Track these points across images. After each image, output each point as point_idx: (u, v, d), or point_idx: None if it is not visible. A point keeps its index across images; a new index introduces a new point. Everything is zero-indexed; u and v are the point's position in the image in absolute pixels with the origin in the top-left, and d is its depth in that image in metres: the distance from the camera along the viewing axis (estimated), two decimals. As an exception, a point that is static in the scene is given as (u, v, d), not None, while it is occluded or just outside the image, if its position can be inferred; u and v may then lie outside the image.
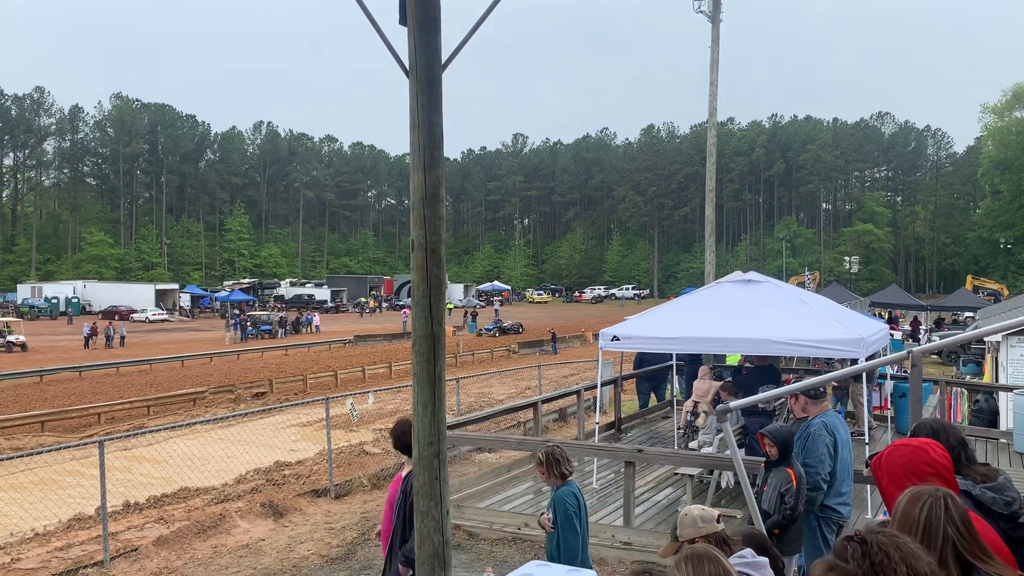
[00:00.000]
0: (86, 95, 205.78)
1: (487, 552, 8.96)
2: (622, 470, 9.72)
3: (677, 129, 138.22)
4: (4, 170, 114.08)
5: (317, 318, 63.97)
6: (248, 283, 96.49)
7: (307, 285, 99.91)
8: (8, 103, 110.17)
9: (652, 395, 18.11)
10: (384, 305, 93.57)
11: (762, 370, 12.66)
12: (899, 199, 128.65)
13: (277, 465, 15.24)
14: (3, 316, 58.00)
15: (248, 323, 57.10)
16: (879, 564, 2.13)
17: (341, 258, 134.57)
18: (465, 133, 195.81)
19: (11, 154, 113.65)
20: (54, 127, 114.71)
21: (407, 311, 62.71)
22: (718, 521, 3.77)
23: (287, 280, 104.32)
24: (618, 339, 11.47)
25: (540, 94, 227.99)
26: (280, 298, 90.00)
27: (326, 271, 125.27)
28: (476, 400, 24.38)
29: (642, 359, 17.68)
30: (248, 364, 39.37)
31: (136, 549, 9.36)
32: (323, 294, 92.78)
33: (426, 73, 4.03)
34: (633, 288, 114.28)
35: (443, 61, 4.12)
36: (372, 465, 14.42)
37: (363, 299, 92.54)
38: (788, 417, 10.28)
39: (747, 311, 10.99)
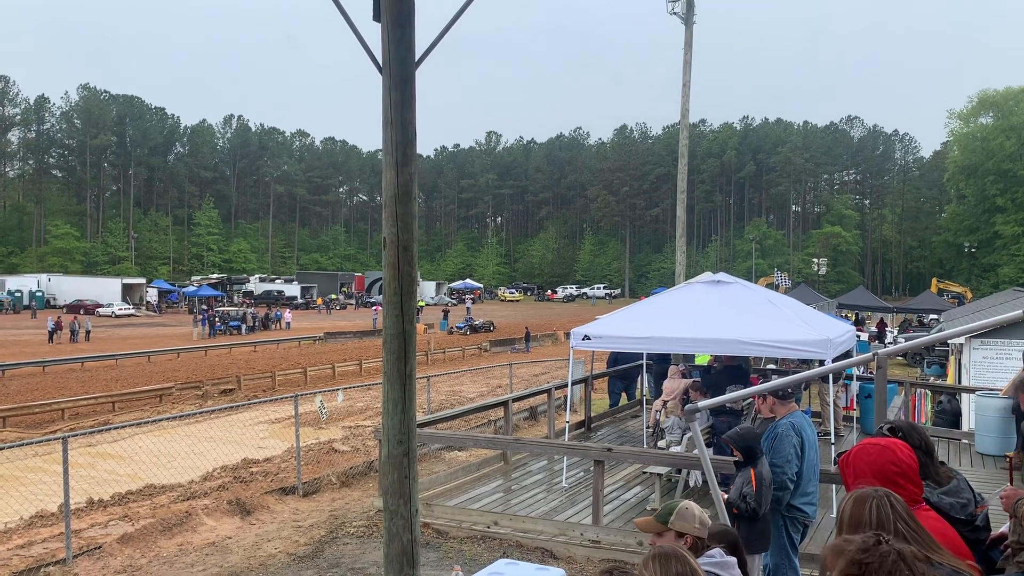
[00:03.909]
0: (53, 85, 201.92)
1: (455, 550, 8.95)
2: (591, 469, 9.76)
3: (650, 130, 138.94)
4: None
5: (288, 314, 63.46)
6: (217, 278, 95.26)
7: (277, 281, 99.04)
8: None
9: (623, 394, 18.20)
10: (354, 302, 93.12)
11: (730, 370, 12.79)
12: (867, 202, 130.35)
13: (245, 462, 15.11)
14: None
15: (216, 319, 56.53)
16: None
17: (312, 254, 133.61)
18: (438, 130, 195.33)
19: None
20: (19, 117, 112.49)
21: (377, 308, 62.41)
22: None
23: (256, 276, 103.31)
24: (589, 338, 11.52)
25: (514, 92, 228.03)
26: (249, 294, 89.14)
27: (296, 267, 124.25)
28: (447, 398, 24.34)
29: (616, 358, 17.77)
30: (216, 360, 38.97)
31: (100, 547, 9.23)
32: (293, 290, 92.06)
33: (400, 70, 4.02)
34: (605, 288, 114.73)
35: (417, 58, 4.11)
36: (341, 463, 14.34)
37: (332, 295, 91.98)
38: (756, 417, 10.40)
39: (716, 311, 11.09)
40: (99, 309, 70.34)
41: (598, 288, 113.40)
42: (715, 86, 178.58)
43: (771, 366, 17.86)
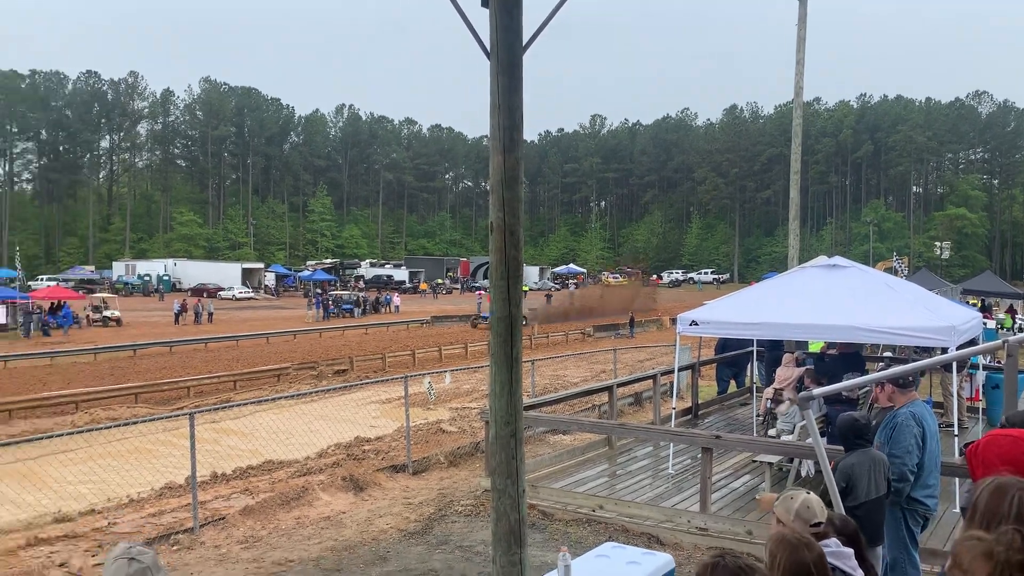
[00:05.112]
0: (177, 79, 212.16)
1: (561, 532, 9.01)
2: (698, 456, 9.63)
3: (761, 109, 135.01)
4: (101, 152, 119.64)
5: (396, 298, 65.00)
6: (330, 263, 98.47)
7: (386, 266, 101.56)
8: (105, 87, 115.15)
9: (732, 381, 17.82)
10: (459, 287, 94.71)
11: (846, 357, 12.35)
12: (995, 182, 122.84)
13: (357, 440, 15.59)
14: (100, 292, 60.68)
15: (330, 302, 58.40)
16: None
17: (419, 239, 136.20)
18: (542, 115, 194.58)
19: (107, 136, 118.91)
20: (147, 110, 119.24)
21: (481, 293, 63.14)
22: (815, 525, 3.65)
23: (367, 260, 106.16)
24: (697, 324, 11.31)
25: (619, 74, 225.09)
26: (360, 278, 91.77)
27: (404, 252, 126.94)
28: (551, 382, 24.44)
29: (725, 344, 17.39)
30: (330, 342, 40.31)
31: (223, 518, 9.73)
32: (401, 275, 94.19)
33: (507, 55, 4.04)
34: (712, 272, 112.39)
35: (524, 43, 4.12)
36: (448, 443, 14.62)
37: (439, 280, 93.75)
38: (872, 406, 10.02)
39: (831, 296, 10.69)
40: (220, 292, 73.83)
41: (705, 273, 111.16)
42: (830, 63, 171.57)
43: (888, 354, 17.13)
